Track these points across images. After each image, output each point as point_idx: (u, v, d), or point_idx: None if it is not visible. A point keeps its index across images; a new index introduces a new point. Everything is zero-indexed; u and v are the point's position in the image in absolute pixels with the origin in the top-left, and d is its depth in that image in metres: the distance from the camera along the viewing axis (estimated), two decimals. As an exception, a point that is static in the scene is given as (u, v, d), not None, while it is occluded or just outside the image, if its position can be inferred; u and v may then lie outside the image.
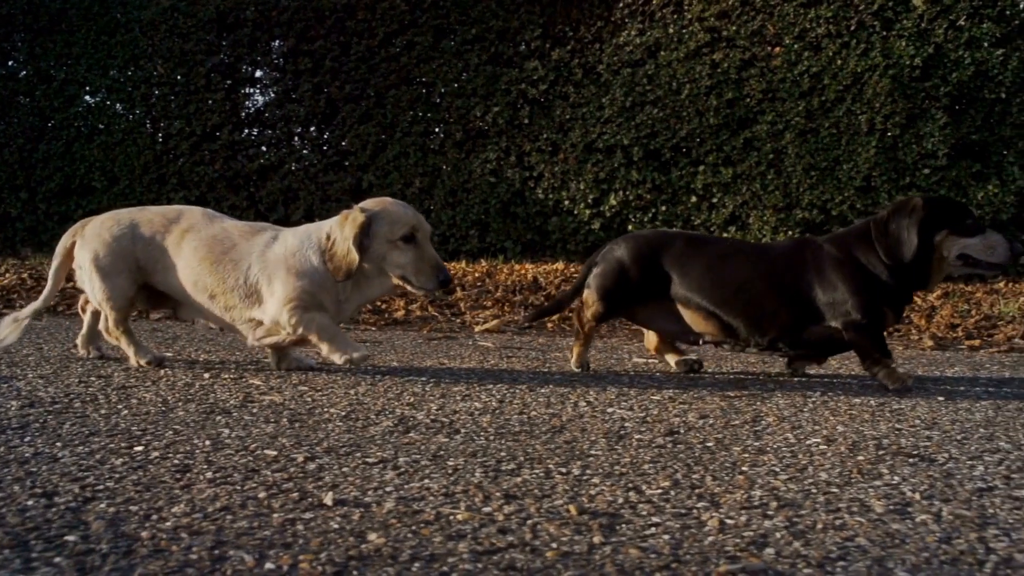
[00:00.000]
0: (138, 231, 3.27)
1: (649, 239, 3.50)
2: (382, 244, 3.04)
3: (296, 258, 3.10)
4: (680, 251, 3.41)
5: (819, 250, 3.31)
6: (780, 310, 3.28)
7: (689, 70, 7.45)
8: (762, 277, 3.31)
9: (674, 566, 1.43)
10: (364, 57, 8.02)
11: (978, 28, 7.03)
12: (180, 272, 3.21)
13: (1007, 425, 2.59)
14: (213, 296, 3.18)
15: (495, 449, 2.19)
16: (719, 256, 3.39)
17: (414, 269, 3.04)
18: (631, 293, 3.43)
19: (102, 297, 3.28)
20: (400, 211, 3.08)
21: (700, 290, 3.34)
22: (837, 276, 3.23)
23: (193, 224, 3.26)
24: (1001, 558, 1.48)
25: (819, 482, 1.93)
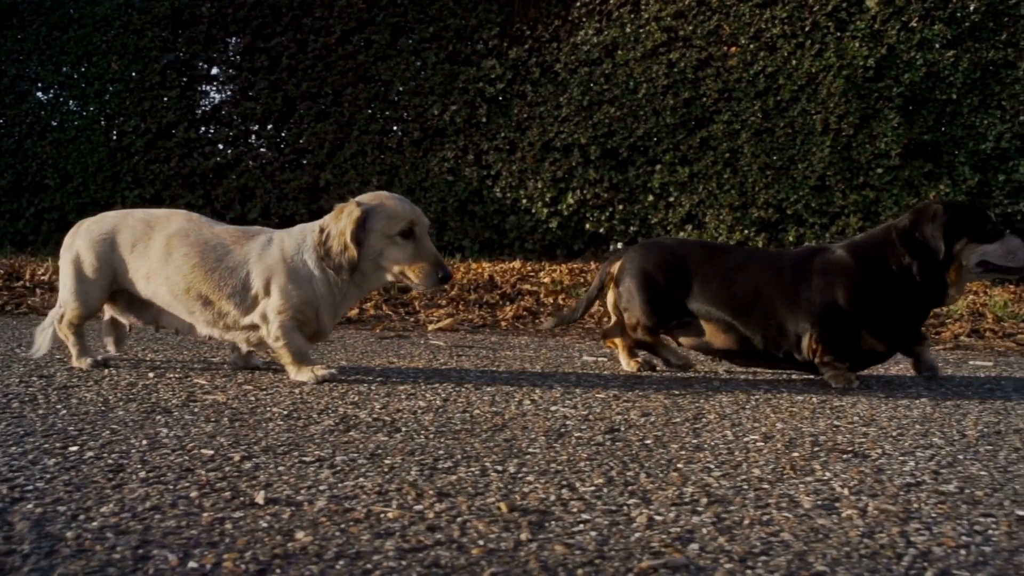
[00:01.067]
0: (119, 237, 3.19)
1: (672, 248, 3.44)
2: (379, 239, 2.95)
3: (294, 262, 3.03)
4: (699, 261, 3.35)
5: (828, 259, 3.25)
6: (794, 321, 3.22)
7: (646, 69, 7.48)
8: (775, 287, 3.24)
9: (597, 562, 1.43)
10: (321, 55, 7.98)
11: (930, 30, 7.12)
12: (169, 279, 3.10)
13: (943, 421, 2.62)
14: (208, 303, 3.08)
15: (434, 447, 2.19)
16: (734, 266, 3.32)
17: (413, 265, 2.95)
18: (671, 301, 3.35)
19: (69, 297, 3.21)
20: (398, 205, 2.98)
21: (717, 302, 3.28)
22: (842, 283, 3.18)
23: (180, 228, 3.15)
24: (920, 551, 1.50)
25: (751, 478, 1.95)
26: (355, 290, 3.10)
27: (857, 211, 7.24)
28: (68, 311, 3.25)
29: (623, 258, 3.46)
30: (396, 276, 3.00)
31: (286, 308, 3.01)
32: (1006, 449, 2.27)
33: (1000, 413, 2.78)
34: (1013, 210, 7.14)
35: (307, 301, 3.02)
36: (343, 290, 3.07)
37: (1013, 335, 4.99)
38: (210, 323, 3.13)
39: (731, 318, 3.27)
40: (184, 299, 3.11)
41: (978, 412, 2.79)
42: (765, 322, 3.24)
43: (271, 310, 3.03)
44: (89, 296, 3.21)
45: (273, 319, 3.02)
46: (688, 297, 3.32)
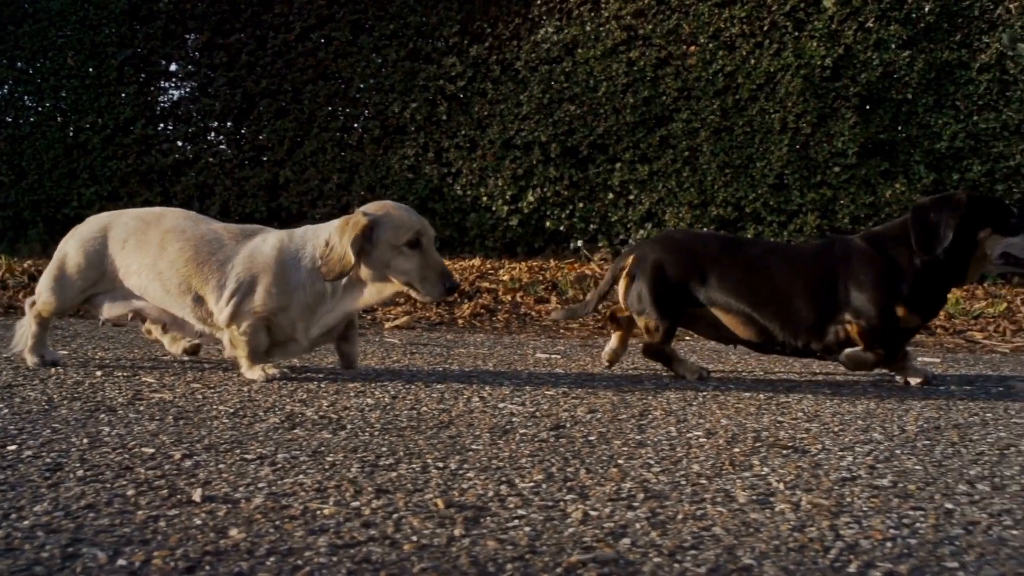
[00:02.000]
0: (109, 235, 3.16)
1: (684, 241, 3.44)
2: (386, 250, 2.91)
3: (286, 265, 3.00)
4: (716, 254, 3.34)
5: (852, 250, 3.26)
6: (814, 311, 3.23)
7: (606, 68, 7.50)
8: (796, 278, 3.25)
9: (528, 557, 1.45)
10: (281, 51, 7.94)
11: (886, 30, 7.19)
12: (162, 274, 3.07)
13: (885, 417, 2.66)
14: (198, 299, 3.05)
15: (377, 445, 2.19)
16: (754, 258, 3.33)
17: (420, 276, 2.92)
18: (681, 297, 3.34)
19: (47, 289, 3.18)
20: (405, 215, 2.95)
21: (736, 294, 3.27)
22: (867, 278, 3.19)
23: (176, 225, 3.12)
24: (847, 544, 1.52)
25: (690, 474, 1.97)
26: (349, 300, 3.04)
27: (815, 209, 7.30)
28: (40, 302, 3.21)
29: (635, 253, 3.44)
30: (403, 286, 2.96)
31: (261, 308, 2.99)
32: (943, 444, 2.31)
33: (941, 409, 2.83)
34: (967, 209, 7.21)
35: (283, 308, 2.99)
36: (336, 298, 3.03)
37: (963, 332, 5.06)
38: (201, 320, 3.10)
39: (752, 310, 3.27)
40: (176, 294, 3.07)
41: (920, 408, 2.84)
42: (789, 313, 3.24)
43: (248, 308, 3.00)
44: (64, 295, 3.18)
45: (245, 316, 3.00)
46: (705, 289, 3.31)
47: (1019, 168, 7.13)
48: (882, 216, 7.23)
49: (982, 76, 7.20)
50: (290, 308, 3.00)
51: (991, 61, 7.19)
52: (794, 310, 3.24)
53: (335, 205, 7.89)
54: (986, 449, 2.26)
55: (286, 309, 3.00)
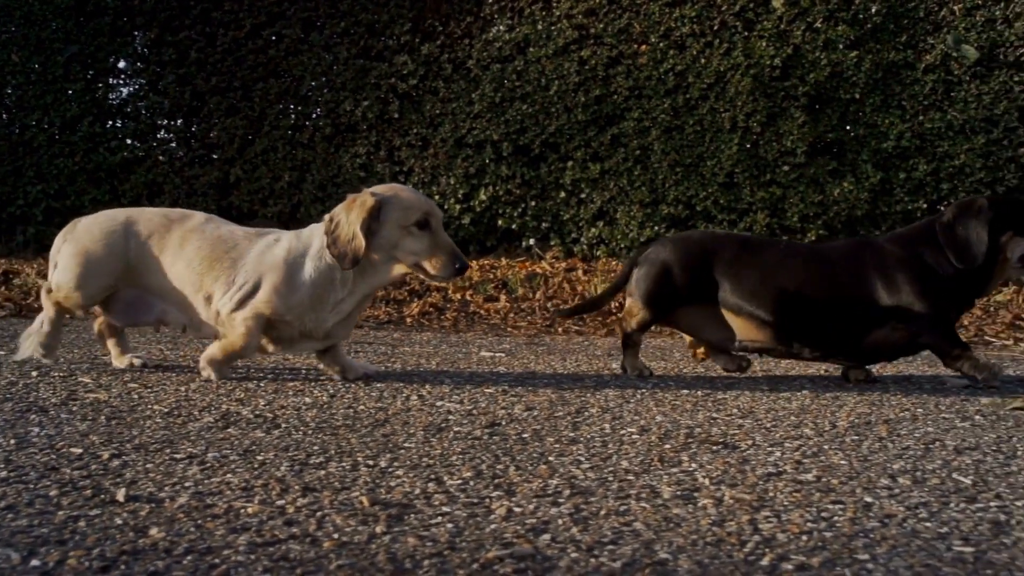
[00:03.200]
0: (133, 229, 3.10)
1: (699, 241, 3.40)
2: (394, 230, 2.89)
3: (294, 263, 2.96)
4: (732, 255, 3.30)
5: (880, 251, 3.23)
6: (841, 316, 3.19)
7: (557, 67, 7.52)
8: (821, 282, 3.21)
9: (446, 553, 1.45)
10: (231, 49, 7.88)
11: (834, 30, 7.27)
12: (179, 274, 3.04)
13: (818, 413, 2.69)
14: (209, 297, 3.02)
15: (309, 443, 2.19)
16: (775, 261, 3.28)
17: (429, 256, 2.89)
18: (678, 298, 3.32)
19: (68, 284, 3.09)
20: (413, 196, 2.95)
21: (754, 297, 3.23)
22: (903, 277, 3.15)
23: (198, 225, 3.09)
24: (764, 538, 1.54)
25: (618, 470, 1.98)
26: (363, 285, 3.02)
27: (764, 208, 7.37)
28: (61, 294, 3.12)
29: (648, 248, 3.42)
30: (411, 268, 2.95)
31: (266, 306, 2.94)
32: (871, 439, 2.35)
33: (875, 404, 2.87)
34: (913, 207, 7.33)
35: (291, 308, 2.95)
36: (349, 286, 2.99)
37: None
38: (213, 320, 3.06)
39: (769, 314, 3.22)
40: (192, 294, 3.04)
41: (854, 403, 2.88)
42: (811, 318, 3.20)
43: (253, 303, 2.95)
44: (89, 290, 3.10)
45: (249, 311, 2.95)
46: (716, 291, 3.27)
47: (963, 168, 7.24)
48: (830, 214, 7.31)
49: (927, 77, 7.31)
50: (299, 306, 2.96)
51: (936, 62, 7.29)
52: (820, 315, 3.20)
53: (286, 204, 7.85)
54: (912, 444, 2.30)
55: (294, 308, 2.96)
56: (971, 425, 2.55)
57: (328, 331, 3.06)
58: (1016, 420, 2.64)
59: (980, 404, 2.88)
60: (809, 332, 3.22)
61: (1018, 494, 1.84)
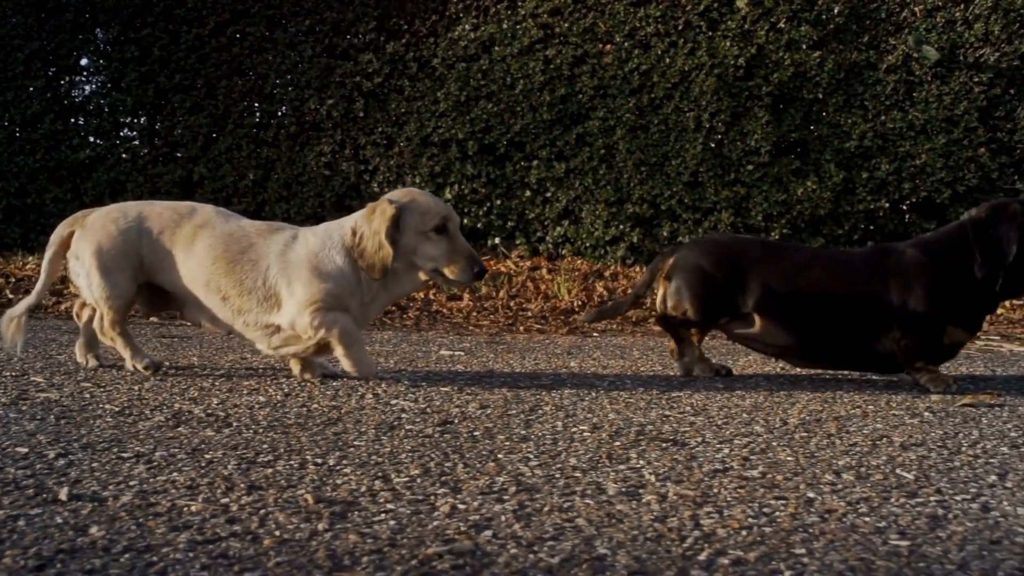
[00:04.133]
0: (145, 225, 3.06)
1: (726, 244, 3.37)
2: (413, 236, 2.88)
3: (319, 258, 2.92)
4: (759, 258, 3.27)
5: (903, 258, 3.20)
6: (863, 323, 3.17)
7: (523, 66, 7.52)
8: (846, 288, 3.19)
9: (386, 550, 1.45)
10: (194, 46, 7.82)
11: (797, 31, 7.32)
12: (191, 271, 3.00)
13: (770, 410, 2.71)
14: (226, 298, 2.98)
15: (259, 442, 2.18)
16: (801, 265, 3.26)
17: (448, 261, 2.89)
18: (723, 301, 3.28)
19: (100, 295, 3.05)
20: (430, 201, 2.93)
21: (782, 301, 3.20)
22: (917, 283, 3.12)
23: (207, 220, 3.05)
24: (704, 534, 1.55)
25: (566, 467, 1.99)
26: (384, 294, 3.01)
27: (729, 207, 7.41)
28: (104, 312, 3.08)
29: (676, 254, 3.38)
30: (429, 274, 2.93)
31: (316, 298, 2.90)
32: (820, 435, 2.37)
33: (827, 402, 2.89)
34: (875, 207, 7.39)
35: (334, 294, 2.91)
36: (373, 292, 2.98)
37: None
38: (229, 319, 3.02)
39: (796, 317, 3.20)
40: (204, 292, 3.00)
41: (807, 400, 2.90)
42: (834, 323, 3.18)
43: (298, 305, 2.91)
44: (122, 289, 3.06)
45: (305, 314, 2.90)
46: (746, 294, 3.24)
47: (925, 167, 7.32)
48: (794, 213, 7.37)
49: (889, 77, 7.37)
50: (339, 294, 2.92)
51: (898, 62, 7.36)
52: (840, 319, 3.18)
53: (251, 202, 7.80)
54: (860, 440, 2.32)
55: (336, 295, 2.92)
56: (920, 422, 2.58)
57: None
58: (964, 416, 2.67)
59: (930, 401, 2.91)
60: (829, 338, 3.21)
61: (958, 489, 1.87)
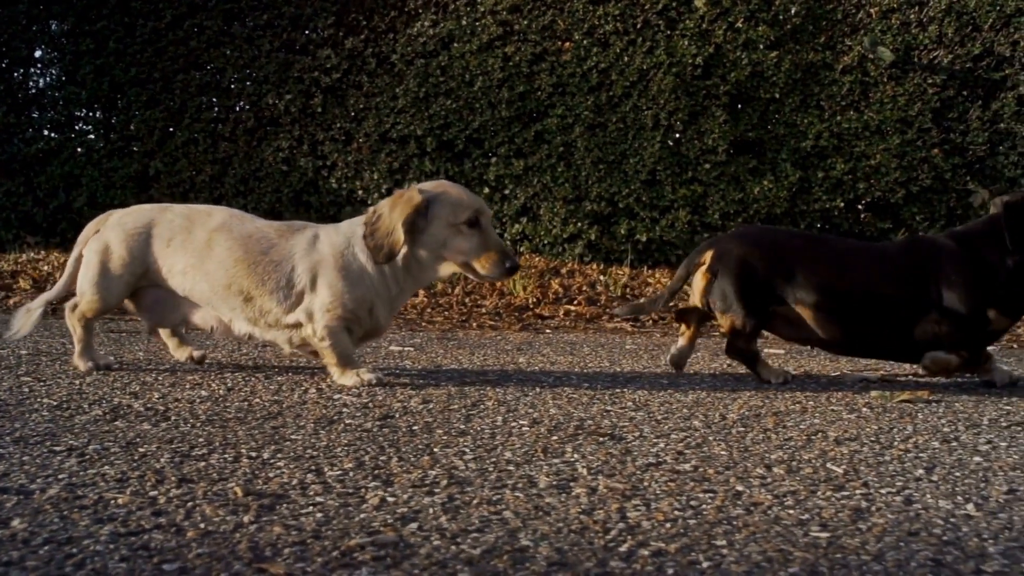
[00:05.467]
0: (155, 231, 3.02)
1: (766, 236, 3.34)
2: (443, 228, 2.83)
3: (344, 258, 2.89)
4: (800, 249, 3.24)
5: (941, 250, 3.18)
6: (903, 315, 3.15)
7: (482, 62, 7.53)
8: (883, 280, 3.17)
9: (309, 541, 1.45)
10: (151, 39, 7.76)
11: (754, 31, 7.38)
12: (210, 275, 2.95)
13: (711, 405, 2.74)
14: (249, 299, 2.93)
15: (195, 435, 2.17)
16: (842, 256, 3.25)
17: (479, 255, 2.82)
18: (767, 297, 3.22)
19: (90, 289, 3.01)
20: (463, 194, 2.88)
21: (826, 293, 3.16)
22: (957, 275, 3.12)
23: (223, 223, 3.00)
24: (628, 526, 1.57)
25: (501, 461, 1.99)
26: (411, 282, 2.97)
27: (686, 205, 7.46)
28: (83, 302, 3.04)
29: (715, 247, 3.29)
30: (459, 267, 2.89)
31: (335, 306, 2.87)
32: (756, 430, 2.39)
33: (768, 397, 2.92)
34: (831, 206, 7.47)
35: (360, 299, 2.89)
36: (400, 283, 2.94)
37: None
38: (251, 321, 2.97)
39: (840, 309, 3.17)
40: (224, 295, 2.95)
41: (748, 396, 2.93)
42: (877, 314, 3.16)
43: (318, 307, 2.88)
44: (110, 291, 3.02)
45: (320, 317, 2.88)
46: (791, 286, 3.19)
47: (879, 167, 7.40)
48: (751, 212, 7.42)
49: (845, 77, 7.45)
50: (365, 297, 2.90)
51: (853, 63, 7.44)
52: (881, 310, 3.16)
53: (208, 197, 7.75)
54: (795, 435, 2.34)
55: (360, 300, 2.89)
56: (856, 417, 2.61)
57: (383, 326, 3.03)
58: (901, 412, 2.71)
59: (869, 397, 2.94)
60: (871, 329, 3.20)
61: (885, 482, 1.89)
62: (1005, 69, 7.35)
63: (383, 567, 1.36)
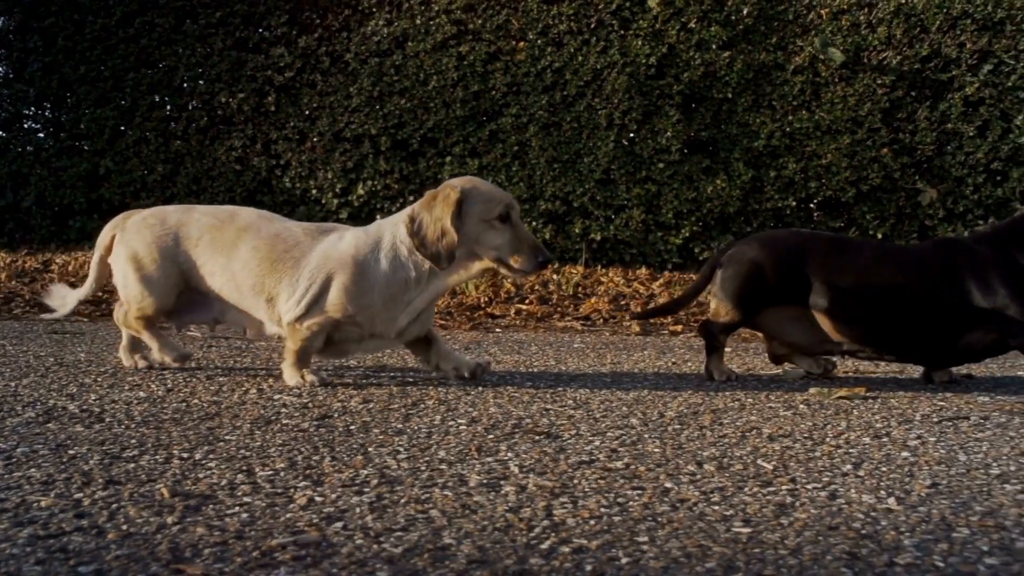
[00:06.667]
0: (184, 231, 2.97)
1: (787, 240, 3.30)
2: (476, 224, 2.78)
3: (365, 261, 2.82)
4: (823, 254, 3.19)
5: (972, 251, 3.14)
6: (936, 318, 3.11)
7: (436, 62, 7.52)
8: (914, 283, 3.13)
9: (231, 542, 1.45)
10: (100, 37, 7.67)
11: (707, 31, 7.43)
12: (236, 276, 2.90)
13: (651, 403, 2.75)
14: (271, 299, 2.88)
15: (128, 437, 2.15)
16: (868, 261, 3.19)
17: (512, 250, 2.78)
18: (767, 299, 3.20)
19: (137, 296, 2.97)
20: (493, 188, 2.85)
21: (847, 297, 3.13)
22: (996, 278, 3.06)
23: (250, 224, 2.94)
24: (553, 523, 1.58)
25: (434, 460, 2.00)
26: (438, 282, 2.89)
27: (640, 204, 7.49)
28: (134, 309, 3.00)
29: (733, 249, 3.28)
30: (492, 263, 2.84)
31: (340, 309, 2.81)
32: (692, 427, 2.41)
33: (709, 394, 2.94)
34: (783, 205, 7.53)
35: (362, 309, 2.83)
36: (423, 285, 2.87)
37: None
38: (276, 322, 2.93)
39: (864, 314, 3.14)
40: (250, 296, 2.91)
41: (689, 393, 2.95)
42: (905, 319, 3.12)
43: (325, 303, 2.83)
44: (156, 291, 2.97)
45: (314, 315, 2.83)
46: (809, 292, 3.15)
47: (830, 167, 7.47)
48: (704, 211, 7.47)
49: (796, 78, 7.51)
50: (371, 305, 2.84)
51: (805, 64, 7.50)
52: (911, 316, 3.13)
53: (159, 197, 7.68)
54: (731, 432, 2.37)
55: (366, 308, 2.83)
56: (793, 414, 2.63)
57: (401, 330, 2.95)
58: (837, 408, 2.74)
59: (808, 394, 2.97)
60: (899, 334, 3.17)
61: (812, 478, 1.92)
62: (952, 70, 7.44)
63: (302, 567, 1.36)
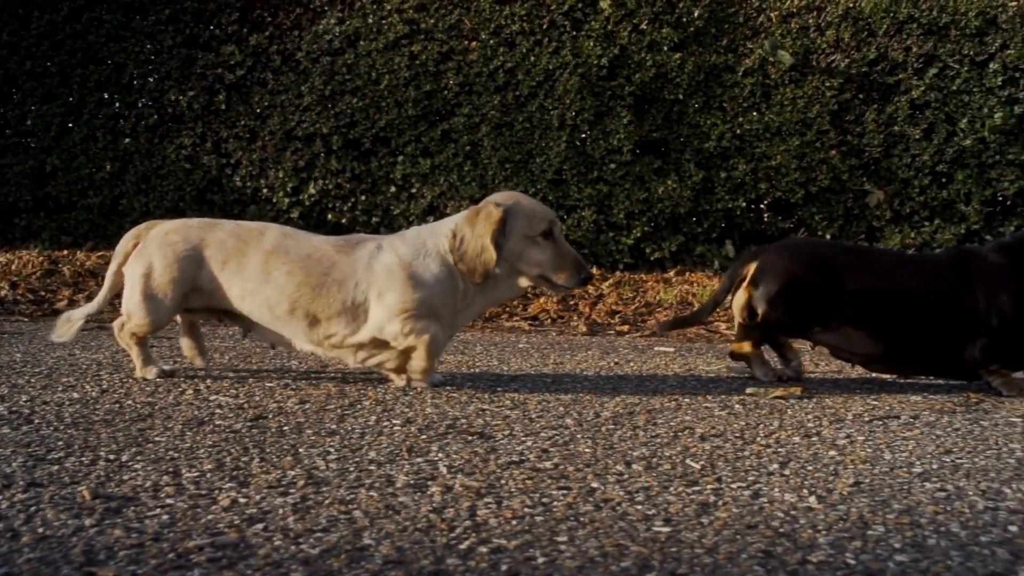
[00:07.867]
0: (207, 252, 2.89)
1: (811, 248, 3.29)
2: (519, 241, 2.78)
3: (413, 267, 2.79)
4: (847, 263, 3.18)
5: (986, 260, 3.14)
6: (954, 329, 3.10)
7: (388, 61, 7.50)
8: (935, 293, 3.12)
9: (147, 544, 1.44)
10: (47, 32, 7.57)
11: (658, 32, 7.47)
12: (269, 299, 2.83)
13: (588, 403, 2.77)
14: (314, 323, 2.83)
15: (55, 438, 2.13)
16: (888, 270, 3.20)
17: (554, 267, 2.79)
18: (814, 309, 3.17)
19: (138, 313, 2.89)
20: (535, 205, 2.84)
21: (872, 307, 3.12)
22: (1002, 288, 3.07)
23: (278, 245, 2.87)
24: (475, 524, 1.58)
25: (364, 461, 2.00)
26: (482, 298, 2.90)
27: (591, 204, 7.52)
28: (131, 324, 2.93)
29: (759, 259, 3.23)
30: (535, 279, 2.84)
31: (409, 306, 2.77)
32: (626, 427, 2.43)
33: (647, 394, 2.96)
34: (733, 206, 7.59)
35: (428, 303, 2.79)
36: (468, 298, 2.87)
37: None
38: (316, 343, 2.88)
39: (884, 324, 3.13)
40: (287, 319, 2.85)
41: (627, 394, 2.96)
42: (921, 329, 3.12)
43: (389, 312, 2.78)
44: (158, 312, 2.90)
45: (396, 318, 2.78)
46: (838, 301, 3.14)
47: (780, 168, 7.54)
48: (655, 212, 7.51)
49: (747, 80, 7.58)
50: (429, 302, 2.80)
51: (755, 66, 7.57)
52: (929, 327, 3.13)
53: (107, 195, 7.59)
54: (664, 432, 2.39)
55: (426, 303, 2.80)
56: (728, 413, 2.66)
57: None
58: (772, 408, 2.77)
59: (744, 394, 3.00)
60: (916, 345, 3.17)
61: (738, 477, 1.94)
62: (899, 74, 7.55)
63: (216, 568, 1.36)
